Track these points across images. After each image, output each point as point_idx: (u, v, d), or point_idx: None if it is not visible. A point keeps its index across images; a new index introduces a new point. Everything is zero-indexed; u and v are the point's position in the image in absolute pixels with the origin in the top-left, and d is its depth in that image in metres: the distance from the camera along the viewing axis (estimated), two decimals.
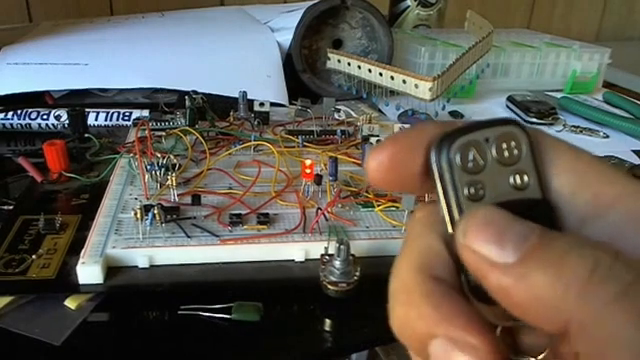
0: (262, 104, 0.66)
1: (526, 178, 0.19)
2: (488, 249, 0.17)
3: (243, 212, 0.46)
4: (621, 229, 0.17)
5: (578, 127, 0.76)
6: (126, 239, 0.43)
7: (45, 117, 0.67)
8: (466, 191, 0.18)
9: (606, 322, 0.15)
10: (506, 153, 0.18)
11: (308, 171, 0.49)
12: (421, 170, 0.19)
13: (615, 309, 0.15)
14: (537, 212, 0.18)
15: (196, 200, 0.47)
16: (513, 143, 0.19)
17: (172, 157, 0.51)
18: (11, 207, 0.50)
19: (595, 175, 0.18)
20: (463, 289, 0.18)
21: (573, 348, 0.16)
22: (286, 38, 0.80)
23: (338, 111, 0.73)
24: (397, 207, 0.48)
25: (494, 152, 0.18)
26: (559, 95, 0.88)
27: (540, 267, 0.16)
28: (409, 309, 0.18)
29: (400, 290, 0.19)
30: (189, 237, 0.43)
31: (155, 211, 0.43)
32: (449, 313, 0.17)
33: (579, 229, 0.18)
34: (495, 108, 0.84)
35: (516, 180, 0.19)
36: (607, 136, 0.75)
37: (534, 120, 0.77)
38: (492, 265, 0.17)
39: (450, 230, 0.19)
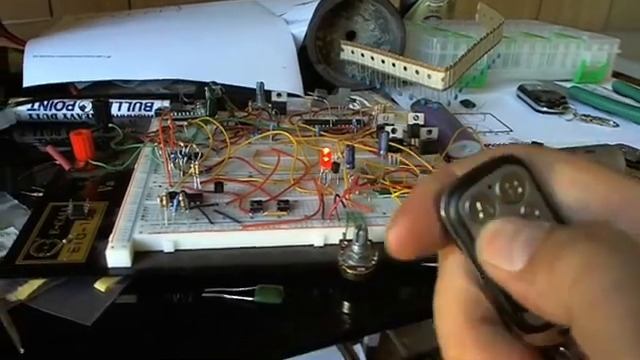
0: (279, 94, 0.67)
1: (537, 212, 0.19)
2: (500, 261, 0.18)
3: (264, 199, 0.47)
4: (633, 234, 0.17)
5: (588, 116, 0.77)
6: (152, 225, 0.44)
7: (70, 108, 0.69)
8: None
9: (596, 316, 0.15)
10: (510, 192, 0.19)
11: (326, 159, 0.49)
12: (441, 232, 0.19)
13: (606, 302, 0.15)
14: None
15: (218, 187, 0.48)
16: (515, 182, 0.19)
17: (194, 146, 0.53)
18: (41, 194, 0.51)
19: (601, 184, 0.19)
20: (508, 325, 0.19)
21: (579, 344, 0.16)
22: (300, 30, 0.81)
23: (354, 101, 0.74)
24: None
25: (500, 196, 0.19)
26: (569, 85, 0.89)
27: (540, 267, 0.16)
28: (462, 353, 0.19)
29: (450, 336, 0.19)
30: (212, 223, 0.44)
31: (180, 198, 0.44)
32: (501, 352, 0.18)
33: None
34: (506, 97, 0.85)
35: (527, 215, 0.19)
36: (617, 125, 0.76)
37: (545, 109, 0.78)
38: (508, 275, 0.17)
39: (481, 280, 0.19)
